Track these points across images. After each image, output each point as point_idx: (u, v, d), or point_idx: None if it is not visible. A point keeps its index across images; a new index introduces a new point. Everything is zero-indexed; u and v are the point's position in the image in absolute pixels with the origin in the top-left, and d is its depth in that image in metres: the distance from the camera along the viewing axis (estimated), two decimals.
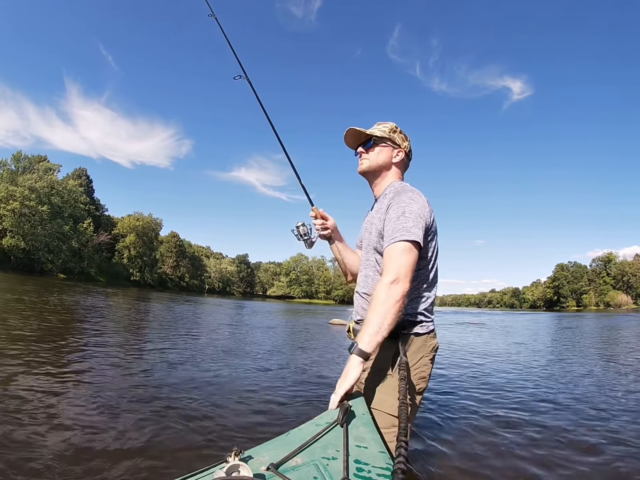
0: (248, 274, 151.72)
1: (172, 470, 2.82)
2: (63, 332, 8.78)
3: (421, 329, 2.12)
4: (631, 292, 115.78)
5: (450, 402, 5.34)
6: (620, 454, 3.68)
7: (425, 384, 2.14)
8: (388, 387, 2.01)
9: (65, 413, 3.84)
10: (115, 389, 4.84)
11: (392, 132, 2.29)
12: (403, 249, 1.94)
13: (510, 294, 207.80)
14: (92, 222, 74.33)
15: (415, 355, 2.09)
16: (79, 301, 19.49)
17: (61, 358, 6.28)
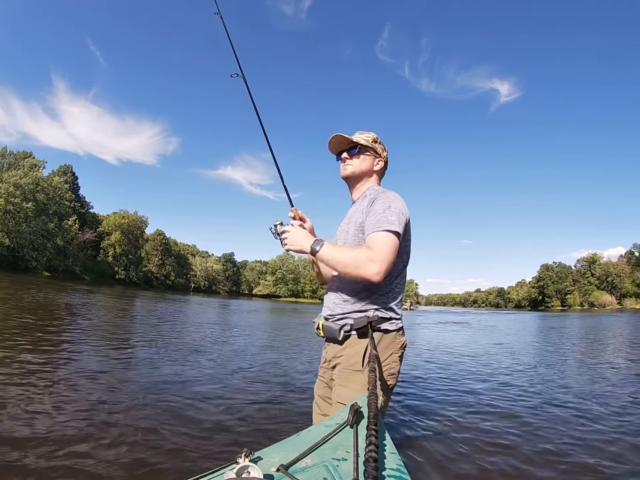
0: (234, 272, 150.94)
1: (183, 472, 2.85)
2: (43, 331, 8.71)
3: (390, 326, 2.19)
4: (615, 292, 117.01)
5: (415, 401, 5.46)
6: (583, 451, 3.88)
7: (395, 380, 2.22)
8: (358, 383, 2.07)
9: (64, 413, 3.88)
10: (119, 389, 4.89)
11: (374, 142, 2.42)
12: (388, 237, 2.03)
13: (495, 293, 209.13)
14: (77, 219, 73.56)
15: (384, 352, 2.16)
16: (61, 300, 19.36)
17: (51, 358, 6.30)
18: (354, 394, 2.01)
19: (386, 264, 1.97)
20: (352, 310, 2.19)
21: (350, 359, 2.15)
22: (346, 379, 2.14)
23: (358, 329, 2.15)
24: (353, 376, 2.11)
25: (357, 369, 2.11)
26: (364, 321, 2.13)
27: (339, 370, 2.21)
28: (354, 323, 2.16)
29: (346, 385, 2.12)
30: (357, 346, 2.14)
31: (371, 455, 1.06)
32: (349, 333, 2.18)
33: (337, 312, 2.25)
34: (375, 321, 2.13)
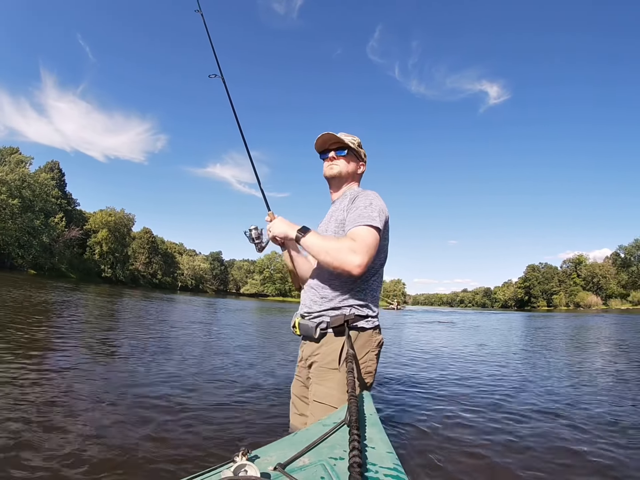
0: (221, 271, 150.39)
1: (180, 470, 2.84)
2: (21, 330, 8.53)
3: (367, 323, 2.19)
4: (601, 293, 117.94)
5: (413, 400, 5.51)
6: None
7: (372, 378, 2.22)
8: (334, 381, 2.08)
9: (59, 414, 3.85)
10: (113, 387, 4.89)
11: (359, 147, 2.44)
12: (369, 231, 2.03)
13: (482, 293, 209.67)
14: (64, 216, 72.98)
15: (361, 350, 2.16)
16: (45, 298, 19.13)
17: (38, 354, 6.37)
18: (330, 392, 2.06)
19: (368, 257, 1.96)
20: (328, 307, 2.19)
21: (326, 357, 2.14)
22: (323, 377, 2.13)
23: (334, 327, 2.15)
24: (329, 374, 2.11)
25: (333, 367, 2.11)
26: (340, 319, 2.13)
27: (315, 369, 2.20)
28: (330, 321, 2.16)
29: (322, 383, 2.12)
30: (333, 344, 2.14)
31: (355, 460, 1.05)
32: (325, 331, 2.18)
33: (313, 309, 2.25)
34: (351, 319, 2.14)
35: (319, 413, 2.05)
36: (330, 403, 2.04)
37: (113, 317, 14.50)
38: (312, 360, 2.23)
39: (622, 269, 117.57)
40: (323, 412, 2.01)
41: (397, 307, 79.46)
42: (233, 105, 2.89)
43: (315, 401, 2.11)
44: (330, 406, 2.03)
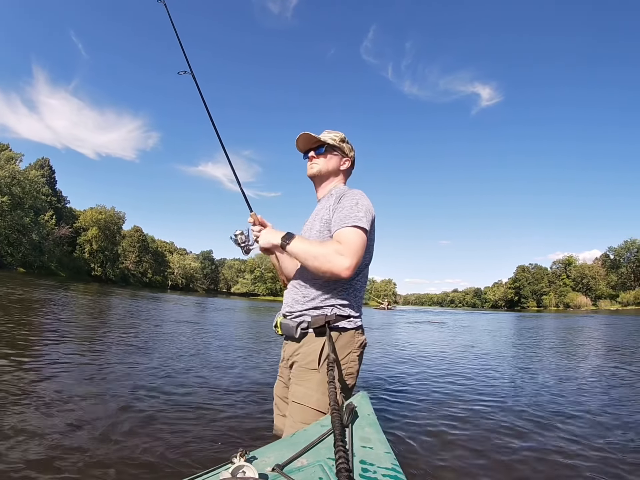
0: (212, 270, 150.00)
1: (177, 472, 2.82)
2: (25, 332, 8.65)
3: (349, 324, 2.15)
4: (590, 294, 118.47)
5: (409, 399, 5.62)
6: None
7: (354, 380, 2.17)
8: (313, 382, 2.05)
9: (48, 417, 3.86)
10: (100, 389, 4.87)
11: (342, 142, 2.41)
12: (356, 232, 2.02)
13: (472, 293, 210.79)
14: (54, 214, 72.54)
15: (342, 351, 2.11)
16: (33, 296, 19.02)
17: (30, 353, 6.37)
18: (309, 392, 2.03)
19: (356, 259, 1.96)
20: (310, 307, 2.17)
21: (306, 357, 2.12)
22: (302, 377, 2.10)
23: (315, 327, 2.12)
24: (309, 375, 2.07)
25: (313, 368, 2.07)
26: (321, 319, 2.11)
27: (295, 369, 2.17)
28: (311, 321, 2.14)
29: (301, 384, 2.08)
30: (313, 344, 2.12)
31: (342, 466, 1.06)
32: (306, 331, 2.16)
33: (295, 309, 2.23)
34: (333, 319, 2.11)
35: (297, 414, 2.04)
36: (308, 404, 2.01)
37: (100, 317, 14.30)
38: (293, 360, 2.21)
39: (612, 270, 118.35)
40: (301, 413, 2.01)
41: (388, 307, 79.38)
42: (205, 102, 2.89)
43: (294, 402, 2.08)
44: (308, 407, 2.00)
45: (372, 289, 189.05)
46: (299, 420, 1.99)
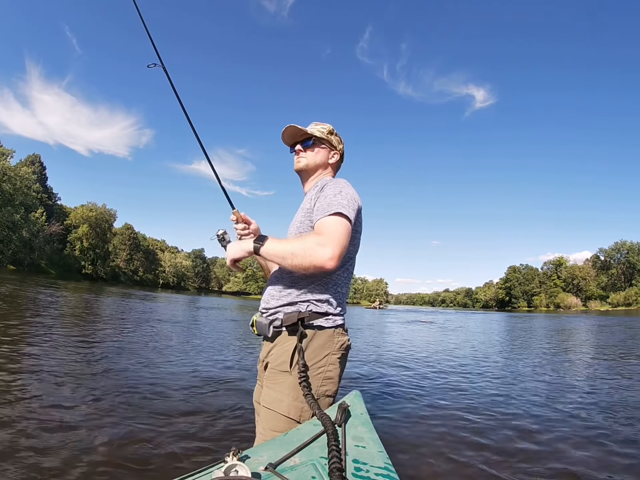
0: (204, 269, 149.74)
1: (170, 471, 2.82)
2: (12, 329, 8.58)
3: (326, 322, 1.95)
4: (580, 294, 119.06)
5: (405, 398, 5.65)
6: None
7: (334, 386, 1.94)
8: (284, 386, 1.86)
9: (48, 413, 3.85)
10: (100, 389, 4.86)
11: (330, 134, 2.27)
12: (339, 220, 1.86)
13: (463, 293, 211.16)
14: (44, 211, 72.18)
15: (318, 352, 1.91)
16: (26, 295, 18.98)
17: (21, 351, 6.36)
18: (279, 397, 1.84)
19: (339, 248, 1.78)
20: (285, 303, 1.99)
21: (278, 358, 1.93)
22: (273, 380, 1.91)
23: (288, 325, 1.92)
24: (280, 377, 1.89)
25: (284, 370, 1.88)
26: (294, 316, 1.91)
27: (268, 371, 1.98)
28: (284, 318, 1.94)
29: (272, 387, 1.90)
30: (286, 344, 1.93)
31: (335, 466, 1.06)
32: (279, 329, 1.97)
33: (270, 305, 2.05)
34: (306, 316, 1.91)
35: (266, 420, 1.86)
36: (278, 410, 1.81)
37: (90, 315, 14.29)
38: (267, 361, 2.01)
39: (602, 271, 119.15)
40: (271, 419, 1.83)
41: (379, 307, 79.46)
42: (177, 93, 2.63)
43: (264, 407, 1.89)
44: (278, 413, 1.80)
45: (364, 288, 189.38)
46: (268, 427, 1.83)
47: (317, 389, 1.86)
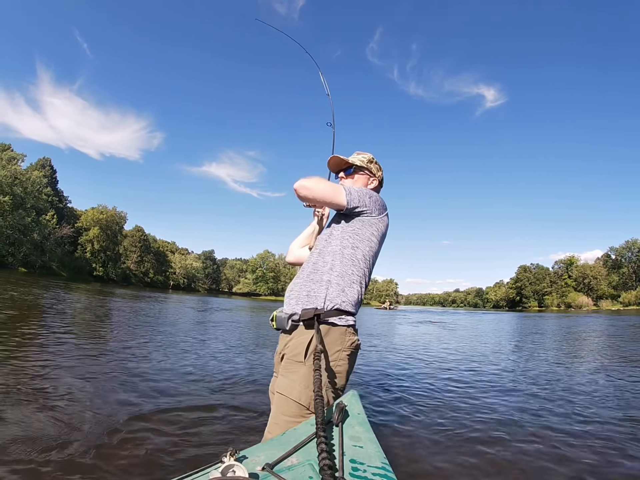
0: (214, 270, 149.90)
1: (167, 471, 2.84)
2: (20, 329, 8.59)
3: (340, 321, 2.14)
4: (592, 294, 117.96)
5: (402, 397, 5.59)
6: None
7: (343, 381, 2.12)
8: (298, 374, 2.03)
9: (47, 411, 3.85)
10: (96, 388, 4.84)
11: (369, 162, 2.55)
12: (337, 187, 2.25)
13: (474, 294, 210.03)
14: (55, 214, 72.61)
15: (330, 347, 2.09)
16: (38, 296, 19.07)
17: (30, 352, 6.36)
18: (292, 384, 2.01)
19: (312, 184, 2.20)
20: (304, 300, 2.19)
21: (294, 349, 2.12)
22: (288, 369, 2.09)
23: (305, 319, 2.13)
24: (294, 367, 2.07)
25: (299, 360, 2.07)
26: (310, 312, 2.12)
27: (284, 361, 2.17)
28: (301, 313, 2.15)
29: (286, 375, 2.08)
30: (302, 337, 2.12)
31: (325, 463, 1.06)
32: (296, 323, 2.18)
33: (290, 302, 2.25)
34: (323, 313, 2.12)
35: (279, 405, 2.02)
36: (291, 395, 1.98)
37: (101, 316, 14.37)
38: (283, 352, 2.20)
39: (613, 270, 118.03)
40: (283, 404, 1.99)
41: (390, 307, 79.19)
42: None
43: (278, 392, 2.06)
44: (290, 399, 1.98)
45: (374, 289, 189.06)
46: (280, 412, 1.99)
47: (326, 382, 2.01)
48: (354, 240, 2.26)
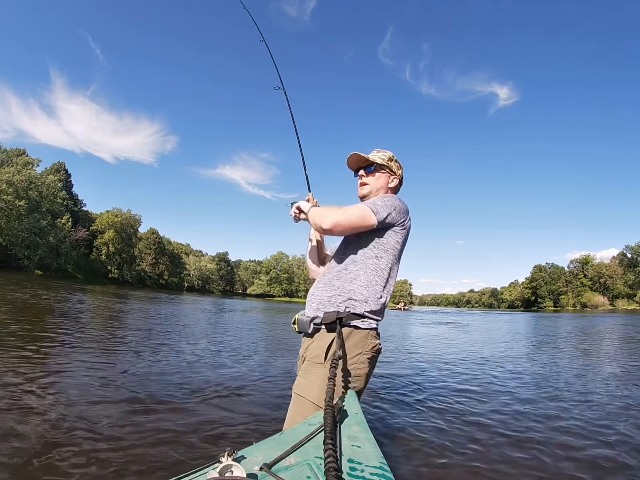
0: (228, 272, 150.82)
1: (165, 471, 2.83)
2: (39, 331, 8.66)
3: (362, 324, 2.15)
4: (607, 293, 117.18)
5: (401, 398, 5.54)
6: None
7: (362, 384, 2.12)
8: (317, 376, 2.03)
9: (49, 413, 3.82)
10: (99, 389, 4.81)
11: (390, 161, 2.49)
12: (360, 208, 2.18)
13: (488, 294, 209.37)
14: (70, 217, 73.28)
15: (351, 350, 2.10)
16: (55, 298, 19.26)
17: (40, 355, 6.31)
18: (310, 385, 2.02)
19: (343, 218, 2.12)
20: (326, 303, 2.19)
21: (315, 350, 2.12)
22: (308, 370, 2.11)
23: (327, 323, 2.13)
24: (314, 368, 2.08)
25: (319, 362, 2.07)
26: (333, 315, 2.12)
27: (304, 363, 2.18)
28: (323, 317, 2.15)
29: (305, 376, 2.09)
30: (323, 339, 2.12)
31: (331, 465, 1.06)
32: (318, 326, 2.18)
33: (312, 305, 2.25)
34: (345, 317, 2.12)
35: (296, 405, 2.04)
36: (308, 396, 1.98)
37: (117, 317, 14.66)
38: (305, 355, 2.21)
39: (629, 269, 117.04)
40: (300, 405, 2.00)
41: (404, 308, 79.04)
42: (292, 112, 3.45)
43: (295, 393, 2.07)
44: (306, 399, 1.98)
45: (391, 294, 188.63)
46: (297, 412, 1.99)
47: (347, 385, 2.01)
48: (378, 250, 2.25)
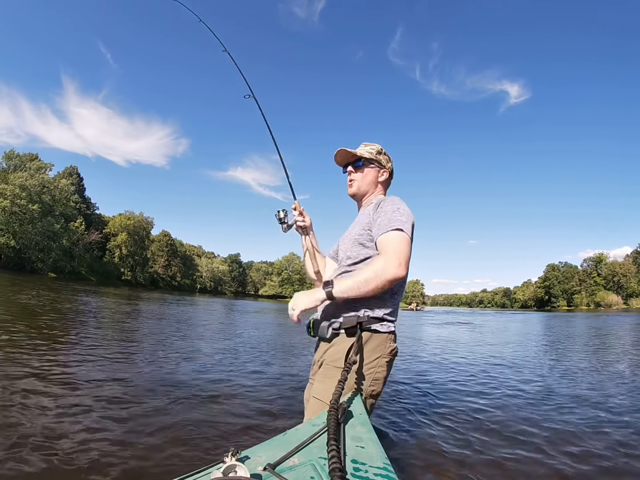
0: (240, 273, 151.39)
1: (168, 471, 2.81)
2: (53, 332, 8.66)
3: (382, 327, 2.12)
4: (621, 292, 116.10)
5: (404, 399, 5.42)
6: None
7: (379, 387, 2.10)
8: (336, 380, 1.89)
9: (58, 415, 3.77)
10: (107, 390, 4.77)
11: (378, 154, 2.43)
12: (402, 237, 2.03)
13: (501, 293, 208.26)
14: (83, 220, 73.89)
15: (371, 354, 2.08)
16: (69, 300, 19.41)
17: (53, 358, 6.23)
18: (329, 390, 1.87)
19: (404, 256, 1.97)
20: (344, 308, 2.13)
21: (334, 355, 2.09)
22: (326, 374, 2.08)
23: (347, 328, 2.09)
24: (333, 372, 2.04)
25: (338, 366, 2.01)
26: (353, 320, 2.08)
27: (322, 367, 2.16)
28: (343, 321, 2.11)
29: (324, 380, 2.06)
30: (343, 344, 2.08)
31: (335, 466, 1.07)
32: (337, 331, 2.12)
33: (329, 310, 2.19)
34: (365, 321, 2.08)
35: (314, 409, 2.01)
36: (327, 401, 1.82)
37: (131, 318, 14.86)
38: (322, 359, 2.18)
39: None
40: (318, 408, 1.96)
41: (416, 308, 78.71)
42: (266, 120, 3.12)
43: (314, 397, 2.06)
44: (326, 404, 1.84)
45: (403, 293, 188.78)
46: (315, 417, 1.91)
47: (366, 388, 2.03)
48: None
